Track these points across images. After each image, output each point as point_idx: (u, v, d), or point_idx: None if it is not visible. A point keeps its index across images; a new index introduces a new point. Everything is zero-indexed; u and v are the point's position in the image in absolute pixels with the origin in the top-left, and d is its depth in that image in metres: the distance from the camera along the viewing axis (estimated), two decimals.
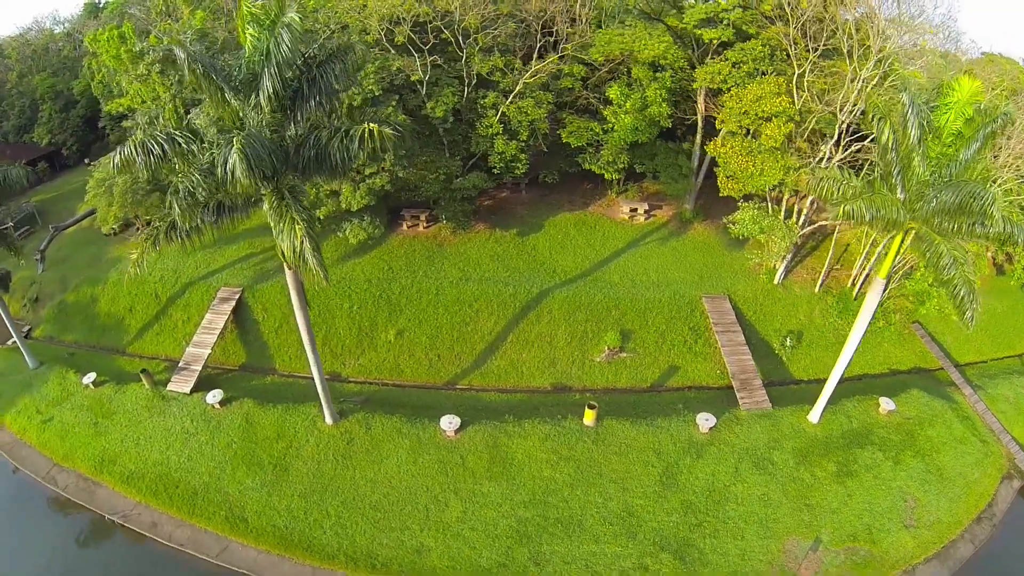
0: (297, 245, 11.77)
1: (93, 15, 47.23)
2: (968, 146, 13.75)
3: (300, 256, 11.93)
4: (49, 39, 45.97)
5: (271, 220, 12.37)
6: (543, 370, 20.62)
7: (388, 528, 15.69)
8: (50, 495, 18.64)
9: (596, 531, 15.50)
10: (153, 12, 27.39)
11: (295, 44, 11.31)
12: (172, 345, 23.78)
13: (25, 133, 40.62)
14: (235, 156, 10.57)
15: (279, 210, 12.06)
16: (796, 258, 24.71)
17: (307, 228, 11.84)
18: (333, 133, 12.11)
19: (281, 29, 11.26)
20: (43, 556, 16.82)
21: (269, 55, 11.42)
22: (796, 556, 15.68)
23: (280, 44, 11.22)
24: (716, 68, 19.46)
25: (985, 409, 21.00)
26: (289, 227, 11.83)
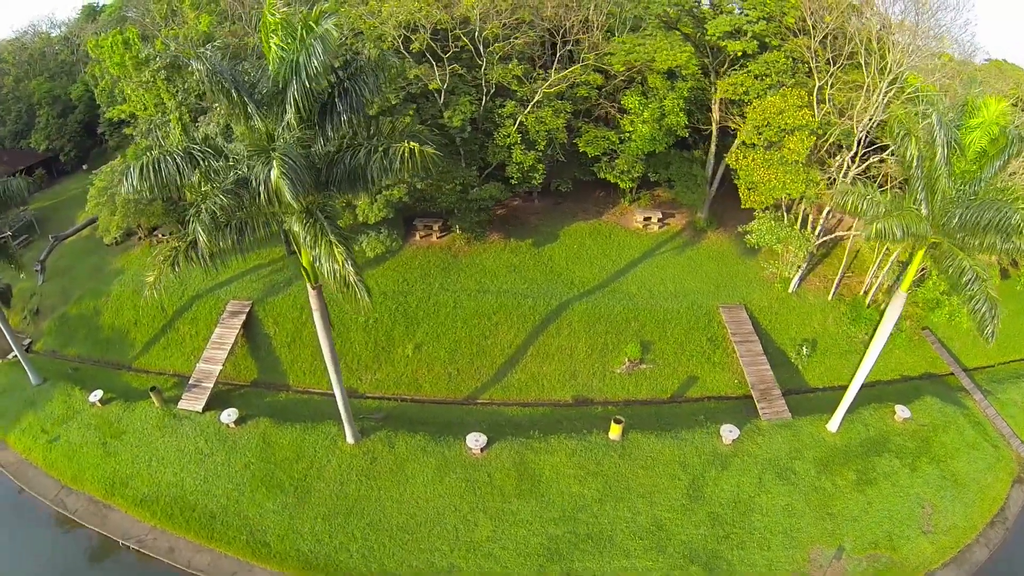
0: (339, 270, 11.55)
1: (91, 18, 46.31)
2: (992, 164, 14.16)
3: (342, 281, 11.70)
4: (46, 43, 45.05)
5: (305, 243, 12.14)
6: (564, 383, 20.81)
7: (417, 550, 15.72)
8: (60, 518, 18.29)
9: (626, 546, 15.77)
10: (157, 16, 26.86)
11: (328, 56, 10.85)
12: (180, 360, 23.50)
13: (22, 139, 39.89)
14: (276, 173, 10.18)
15: (313, 232, 11.79)
16: (809, 266, 25.17)
17: (348, 251, 11.71)
18: (371, 151, 11.79)
19: (314, 40, 10.70)
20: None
21: (299, 67, 10.86)
22: (821, 565, 16.10)
23: (312, 56, 10.65)
24: (739, 80, 19.73)
25: (995, 414, 21.64)
26: (327, 251, 11.58)
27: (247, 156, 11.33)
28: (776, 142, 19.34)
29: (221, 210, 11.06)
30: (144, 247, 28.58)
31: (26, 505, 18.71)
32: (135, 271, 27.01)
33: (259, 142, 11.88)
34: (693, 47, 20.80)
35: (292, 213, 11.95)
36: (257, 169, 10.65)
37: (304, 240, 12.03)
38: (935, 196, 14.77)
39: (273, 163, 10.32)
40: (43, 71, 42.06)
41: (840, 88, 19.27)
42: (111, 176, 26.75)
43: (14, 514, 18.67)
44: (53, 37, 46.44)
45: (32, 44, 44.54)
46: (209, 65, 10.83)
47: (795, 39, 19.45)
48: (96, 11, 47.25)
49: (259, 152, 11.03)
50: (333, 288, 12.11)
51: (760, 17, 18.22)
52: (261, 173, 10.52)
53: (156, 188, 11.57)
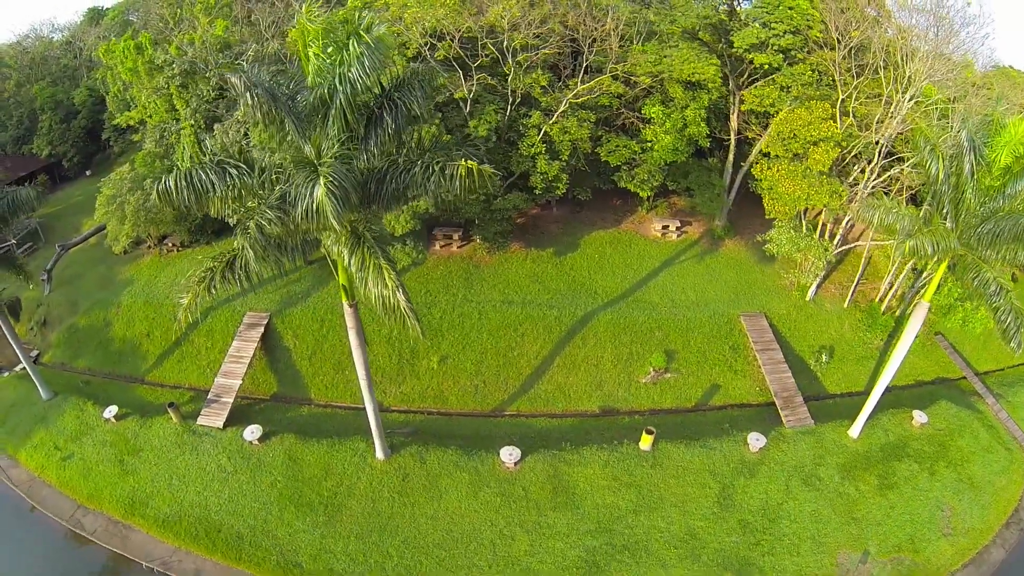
0: (388, 296, 11.58)
1: (94, 22, 45.81)
2: (1016, 180, 14.88)
3: (392, 308, 11.66)
4: (47, 47, 44.51)
5: (349, 265, 12.06)
6: (590, 393, 21.34)
7: (455, 567, 16.01)
8: (77, 539, 18.13)
9: (662, 555, 16.35)
10: (170, 20, 26.72)
11: (379, 67, 10.47)
12: (196, 373, 23.51)
13: (23, 144, 39.49)
14: (321, 192, 9.88)
15: (360, 255, 11.72)
16: (825, 274, 25.96)
17: (398, 276, 11.82)
18: (428, 168, 11.56)
19: (363, 49, 10.29)
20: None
21: (346, 79, 10.41)
22: (848, 569, 16.82)
23: (361, 66, 10.27)
24: (765, 92, 20.37)
25: (1007, 417, 22.57)
26: (376, 275, 11.51)
27: (291, 171, 10.98)
28: (801, 154, 20.00)
29: (269, 224, 10.83)
30: (154, 256, 28.54)
31: (41, 525, 18.59)
32: (146, 281, 26.98)
33: (303, 157, 11.48)
34: (716, 58, 21.37)
35: (334, 232, 11.80)
36: (300, 186, 10.36)
37: (349, 262, 11.94)
38: (961, 211, 15.49)
39: (319, 180, 10.07)
40: (45, 76, 41.72)
41: (863, 101, 20.00)
42: (120, 184, 26.65)
43: (29, 534, 18.55)
44: (54, 41, 45.97)
45: (33, 48, 44.06)
46: (248, 77, 10.46)
47: (820, 52, 20.13)
48: (100, 14, 46.77)
49: (304, 167, 10.67)
50: (380, 313, 11.91)
51: (787, 31, 18.84)
52: (304, 190, 10.23)
53: (187, 200, 11.24)
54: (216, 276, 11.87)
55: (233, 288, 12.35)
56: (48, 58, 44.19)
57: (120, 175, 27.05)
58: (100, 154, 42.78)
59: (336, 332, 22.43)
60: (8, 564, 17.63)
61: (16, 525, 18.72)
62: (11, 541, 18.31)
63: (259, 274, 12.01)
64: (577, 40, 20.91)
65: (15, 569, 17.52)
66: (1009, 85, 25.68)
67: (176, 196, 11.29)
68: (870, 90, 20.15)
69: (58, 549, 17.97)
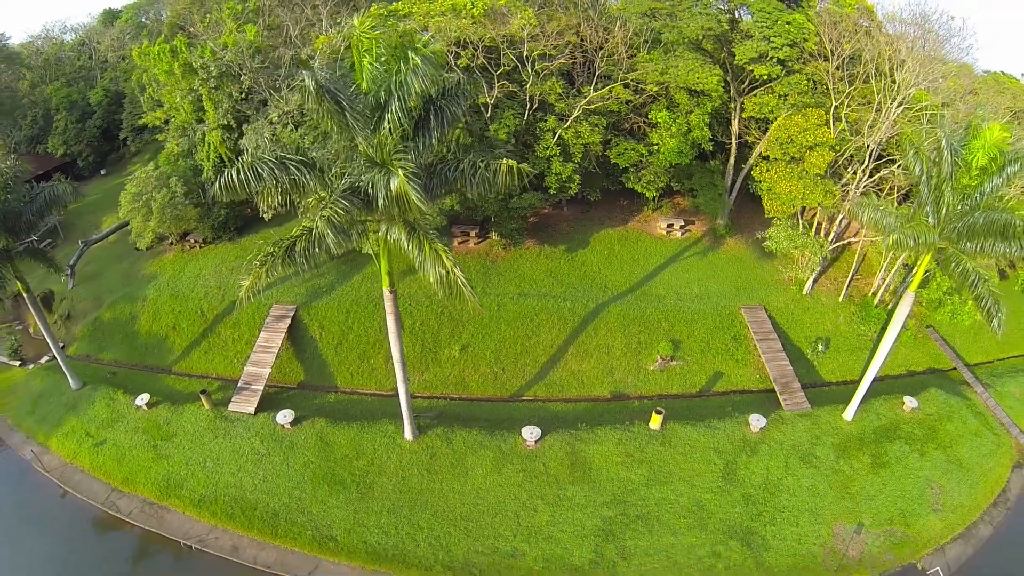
0: (446, 274, 13.15)
1: (108, 23, 47.47)
2: (991, 180, 16.81)
3: (450, 285, 13.24)
4: (59, 48, 46.10)
5: (408, 251, 13.55)
6: (602, 379, 23.07)
7: (482, 536, 17.58)
8: (113, 520, 19.15)
9: (672, 525, 18.03)
10: (200, 26, 28.46)
11: (432, 77, 11.92)
12: (223, 364, 24.94)
13: (38, 143, 40.87)
14: (400, 181, 11.38)
15: (416, 241, 13.35)
16: (821, 270, 27.88)
17: (453, 257, 13.27)
18: (474, 165, 13.34)
19: (420, 60, 11.76)
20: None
21: (402, 86, 11.95)
22: (844, 539, 18.49)
23: (416, 76, 11.76)
24: (764, 99, 22.39)
25: (996, 405, 24.34)
26: (434, 257, 13.18)
27: (360, 167, 12.62)
28: (798, 157, 21.97)
29: (344, 212, 12.33)
30: (176, 252, 29.97)
31: (74, 508, 19.65)
32: (170, 276, 28.40)
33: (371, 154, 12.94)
34: (718, 67, 23.37)
35: (395, 221, 13.41)
36: (376, 178, 12.07)
37: (408, 248, 13.55)
38: (941, 207, 17.40)
39: (395, 172, 11.72)
40: (59, 76, 43.21)
41: (854, 108, 22.04)
42: (146, 182, 28.10)
43: (65, 517, 19.57)
44: (66, 42, 47.52)
45: (47, 49, 45.60)
46: (319, 80, 11.94)
47: (815, 62, 22.18)
48: (115, 16, 48.44)
49: (374, 163, 12.38)
50: (438, 290, 13.55)
51: (784, 44, 20.86)
52: (380, 181, 11.94)
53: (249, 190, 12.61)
54: (277, 260, 13.37)
55: (291, 270, 13.78)
56: (62, 59, 45.67)
57: (145, 173, 28.39)
58: (114, 154, 44.33)
59: (361, 323, 24.08)
60: (46, 545, 18.64)
61: (50, 509, 19.84)
62: (46, 524, 19.41)
63: (315, 258, 13.48)
64: (588, 50, 22.81)
65: (54, 549, 18.55)
66: (997, 90, 27.68)
67: (240, 187, 12.79)
68: (861, 97, 22.20)
69: (94, 530, 19.12)
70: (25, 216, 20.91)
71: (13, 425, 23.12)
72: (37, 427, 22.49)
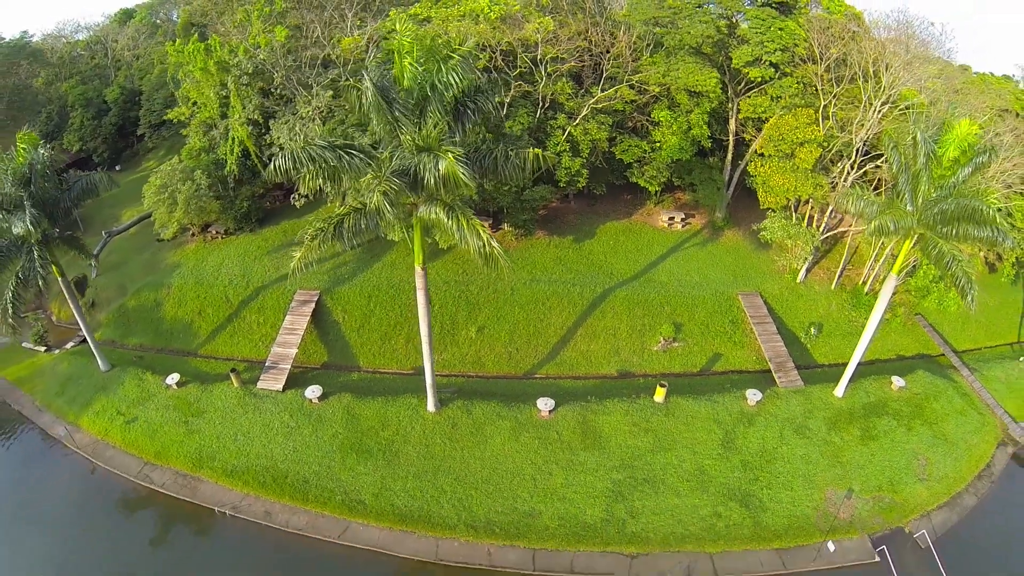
0: (483, 245, 15.00)
1: (123, 22, 49.46)
2: (963, 170, 18.86)
3: (487, 255, 15.09)
4: (73, 47, 47.98)
5: (448, 227, 15.39)
6: (609, 359, 24.92)
7: (501, 498, 19.24)
8: (147, 492, 20.40)
9: (676, 487, 19.79)
10: (231, 25, 30.44)
11: (468, 74, 13.87)
12: (248, 347, 26.59)
13: (52, 139, 42.54)
14: (448, 163, 13.09)
15: (456, 219, 15.21)
16: (814, 260, 29.91)
17: (490, 233, 14.99)
18: (507, 153, 15.31)
19: (460, 62, 13.91)
20: (155, 551, 18.64)
21: (443, 85, 13.89)
22: (835, 503, 20.22)
23: (455, 75, 13.87)
24: (758, 101, 24.55)
25: (981, 387, 26.12)
26: (472, 232, 15.03)
27: (408, 153, 14.50)
28: (789, 153, 24.08)
29: (396, 189, 14.07)
30: (199, 243, 31.64)
31: (107, 481, 20.85)
32: (193, 265, 30.00)
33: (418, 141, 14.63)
34: (716, 70, 25.54)
35: (436, 201, 15.27)
36: (425, 161, 13.92)
37: (448, 224, 15.38)
38: (918, 195, 19.43)
39: (443, 156, 13.51)
40: (74, 74, 45.02)
41: (841, 107, 24.22)
42: (171, 175, 29.79)
43: (98, 489, 20.76)
44: (79, 41, 49.47)
45: (61, 48, 47.51)
46: (372, 80, 13.98)
47: (805, 66, 24.38)
48: (130, 15, 50.46)
49: (424, 148, 14.28)
50: (476, 260, 15.42)
51: (777, 48, 23.02)
52: (430, 164, 13.79)
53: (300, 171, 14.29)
54: (328, 235, 15.19)
55: (337, 247, 15.59)
56: (76, 58, 47.44)
57: (170, 166, 29.99)
58: (128, 150, 46.12)
59: (383, 307, 25.90)
60: (81, 515, 19.86)
61: (84, 482, 21.01)
62: (81, 495, 20.58)
63: (361, 235, 15.41)
64: (596, 54, 24.94)
65: (89, 518, 19.75)
66: (983, 90, 29.86)
67: (292, 168, 14.53)
68: (850, 96, 24.39)
69: (129, 501, 20.36)
70: (62, 203, 22.44)
71: (42, 406, 24.41)
72: (67, 407, 23.78)
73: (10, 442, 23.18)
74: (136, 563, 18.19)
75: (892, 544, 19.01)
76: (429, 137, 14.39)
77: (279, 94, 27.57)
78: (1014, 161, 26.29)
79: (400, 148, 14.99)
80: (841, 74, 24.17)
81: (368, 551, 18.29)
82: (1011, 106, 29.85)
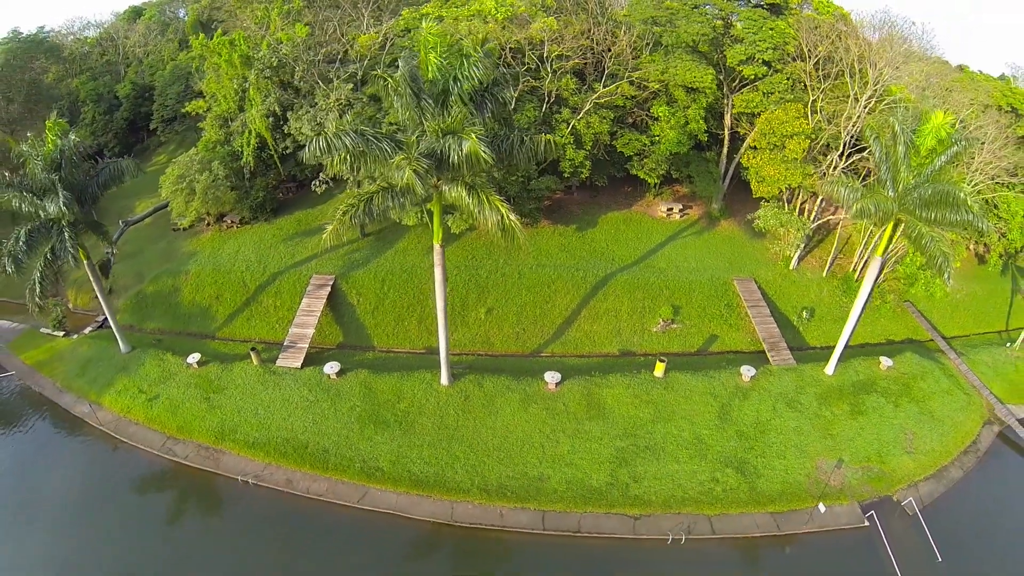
0: (502, 218, 16.53)
1: (132, 20, 51.11)
2: (939, 158, 20.55)
3: (506, 227, 16.61)
4: (82, 44, 49.52)
5: (470, 204, 16.87)
6: (611, 339, 26.43)
7: (512, 464, 20.60)
8: (171, 464, 21.45)
9: (676, 454, 21.21)
10: (252, 23, 32.07)
11: (488, 68, 15.56)
12: (266, 329, 27.94)
13: None
14: (472, 144, 14.60)
15: (476, 196, 16.77)
16: (807, 248, 31.59)
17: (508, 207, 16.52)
18: (522, 139, 16.98)
19: (480, 57, 15.67)
20: (182, 517, 19.86)
21: (465, 77, 15.55)
22: (826, 471, 21.64)
23: (476, 68, 15.61)
24: (751, 97, 26.40)
25: (968, 370, 27.50)
26: (491, 207, 16.60)
27: (439, 134, 16.04)
28: (779, 145, 25.84)
29: (427, 171, 15.73)
30: (214, 232, 32.95)
31: (132, 455, 21.88)
32: (210, 252, 31.32)
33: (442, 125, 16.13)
34: (712, 68, 27.37)
35: (459, 180, 16.84)
36: (450, 143, 15.53)
37: (468, 201, 16.91)
38: (898, 182, 21.11)
39: (467, 137, 15.08)
40: (85, 70, 46.46)
41: (829, 101, 26.06)
42: (189, 166, 31.13)
43: (123, 462, 21.75)
44: (88, 39, 51.05)
45: (71, 45, 49.06)
46: (404, 71, 15.70)
47: (794, 63, 26.23)
48: (139, 13, 52.11)
49: (449, 132, 15.90)
50: (496, 234, 16.98)
51: (769, 47, 24.87)
52: (454, 145, 15.40)
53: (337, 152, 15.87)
54: (359, 211, 16.82)
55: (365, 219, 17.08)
56: (86, 54, 48.85)
57: (188, 158, 31.33)
58: (138, 145, 47.47)
59: (396, 290, 27.36)
60: (108, 487, 20.86)
61: (109, 456, 22.05)
62: (106, 468, 21.65)
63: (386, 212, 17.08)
64: (597, 51, 26.71)
65: (116, 490, 20.77)
66: (971, 87, 31.73)
67: (327, 150, 16.12)
68: (837, 91, 26.23)
69: (153, 472, 21.40)
70: (90, 189, 23.59)
71: (62, 387, 25.40)
72: (88, 387, 24.78)
73: (34, 420, 24.25)
74: (163, 529, 19.34)
75: (881, 510, 20.35)
76: (454, 122, 15.99)
77: (295, 87, 29.10)
78: (996, 153, 28.09)
79: (424, 133, 16.58)
80: (828, 71, 26.06)
81: (386, 514, 19.49)
82: (996, 102, 31.76)
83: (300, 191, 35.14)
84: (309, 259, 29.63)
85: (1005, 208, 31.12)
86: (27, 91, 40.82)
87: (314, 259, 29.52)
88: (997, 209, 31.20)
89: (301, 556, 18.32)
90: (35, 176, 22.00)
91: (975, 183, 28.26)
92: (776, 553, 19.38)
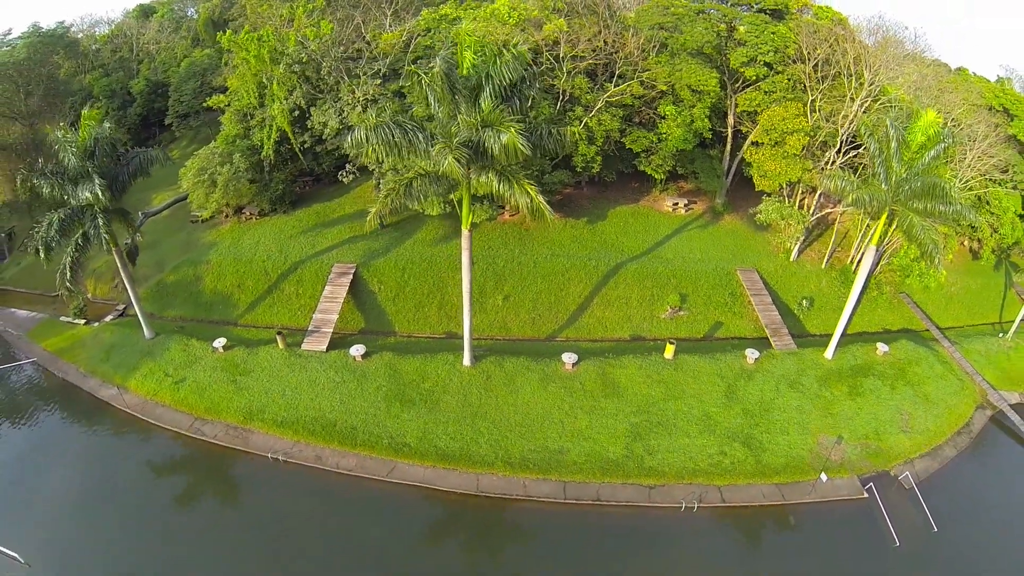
0: (531, 201, 18.21)
1: (142, 18, 52.47)
2: (928, 153, 22.49)
3: (535, 208, 18.25)
4: (93, 41, 50.80)
5: (501, 189, 18.51)
6: (622, 324, 28.10)
7: (533, 438, 22.03)
8: (200, 443, 22.34)
9: (687, 429, 22.82)
10: (279, 20, 33.60)
11: (518, 67, 17.21)
12: (288, 316, 29.16)
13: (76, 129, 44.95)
14: (510, 136, 16.23)
15: (507, 181, 18.39)
16: (806, 242, 33.49)
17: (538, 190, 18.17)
18: (550, 131, 18.64)
19: (512, 57, 17.28)
20: (214, 493, 20.91)
21: (497, 74, 17.13)
22: (826, 447, 23.27)
23: (508, 68, 17.28)
24: (752, 96, 28.41)
25: (961, 358, 29.26)
26: (522, 190, 18.22)
27: (473, 130, 17.68)
28: (780, 141, 27.82)
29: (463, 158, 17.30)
30: (233, 223, 34.12)
31: (160, 436, 22.63)
32: (230, 243, 32.38)
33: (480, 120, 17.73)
34: (716, 70, 29.34)
35: (490, 168, 18.44)
36: (489, 135, 17.17)
37: (499, 187, 18.55)
38: (891, 175, 23.03)
39: (505, 130, 16.70)
40: (97, 66, 47.67)
41: (827, 100, 28.11)
42: (210, 159, 32.32)
43: (152, 443, 22.65)
44: (99, 36, 52.39)
45: (82, 42, 50.34)
46: (442, 68, 17.34)
47: (794, 65, 28.29)
48: (150, 11, 53.51)
49: (486, 125, 17.51)
50: (527, 215, 18.71)
51: (770, 50, 26.89)
52: (493, 137, 17.05)
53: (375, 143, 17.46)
54: (399, 193, 18.45)
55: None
56: (98, 51, 50.03)
57: (209, 150, 32.32)
58: (151, 140, 48.64)
59: (416, 278, 28.87)
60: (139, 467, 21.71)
61: (137, 437, 22.92)
62: (136, 449, 22.47)
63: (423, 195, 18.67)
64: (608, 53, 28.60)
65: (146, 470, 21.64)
66: (964, 88, 33.81)
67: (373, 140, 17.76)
68: (834, 92, 28.29)
69: (183, 451, 22.31)
70: (121, 177, 24.59)
71: (86, 372, 26.18)
72: (113, 372, 25.60)
73: (60, 403, 25.06)
74: (196, 504, 20.37)
75: (879, 484, 21.91)
76: (492, 115, 17.67)
77: (320, 82, 30.57)
78: (986, 151, 30.16)
79: (457, 124, 18.23)
80: (827, 72, 28.14)
81: (414, 487, 20.69)
82: (988, 102, 33.94)
83: (316, 185, 36.59)
84: (330, 249, 30.97)
85: (997, 204, 32.91)
86: (45, 85, 41.91)
87: (335, 249, 30.88)
88: (989, 205, 33.00)
89: (333, 526, 19.43)
90: (69, 163, 22.95)
91: (966, 179, 30.29)
92: (781, 521, 20.97)
